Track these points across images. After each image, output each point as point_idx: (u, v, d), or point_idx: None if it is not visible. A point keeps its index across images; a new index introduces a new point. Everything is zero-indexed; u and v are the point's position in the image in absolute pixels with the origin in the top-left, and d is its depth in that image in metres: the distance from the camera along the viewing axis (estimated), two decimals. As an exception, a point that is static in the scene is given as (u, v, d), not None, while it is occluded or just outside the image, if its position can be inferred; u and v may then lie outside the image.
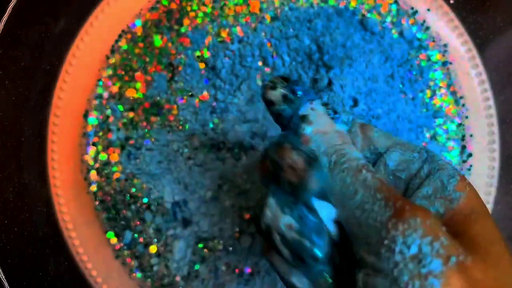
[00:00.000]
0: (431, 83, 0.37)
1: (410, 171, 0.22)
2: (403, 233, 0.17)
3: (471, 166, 0.37)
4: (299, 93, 0.23)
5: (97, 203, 0.35)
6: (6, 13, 0.34)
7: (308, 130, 0.22)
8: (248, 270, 0.34)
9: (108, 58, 0.35)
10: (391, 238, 0.17)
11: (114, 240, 0.35)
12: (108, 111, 0.35)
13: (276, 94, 0.23)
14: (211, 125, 0.34)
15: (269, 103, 0.23)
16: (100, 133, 0.35)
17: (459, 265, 0.17)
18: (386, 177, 0.23)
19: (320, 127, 0.22)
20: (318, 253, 0.21)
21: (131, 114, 0.35)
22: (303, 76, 0.34)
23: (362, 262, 0.19)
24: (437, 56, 0.37)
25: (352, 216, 0.20)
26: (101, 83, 0.35)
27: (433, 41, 0.37)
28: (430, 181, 0.21)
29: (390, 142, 0.24)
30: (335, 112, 0.24)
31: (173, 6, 0.35)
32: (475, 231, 0.19)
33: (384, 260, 0.17)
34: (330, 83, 0.34)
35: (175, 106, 0.35)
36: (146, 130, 0.35)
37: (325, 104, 0.24)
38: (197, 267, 0.34)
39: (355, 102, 0.34)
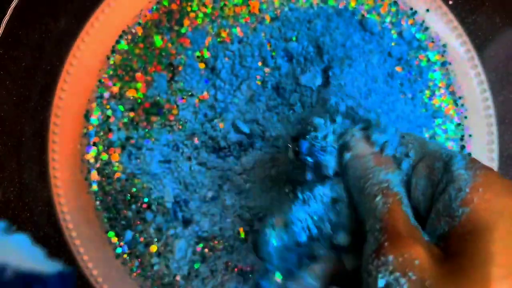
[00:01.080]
0: (430, 83, 0.37)
1: (433, 186, 0.22)
2: (376, 268, 0.19)
3: (470, 166, 0.37)
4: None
5: (97, 203, 0.35)
6: (7, 14, 0.34)
7: (347, 157, 0.24)
8: (248, 269, 0.34)
9: (108, 58, 0.35)
10: (369, 270, 0.19)
11: (114, 239, 0.35)
12: (109, 111, 0.35)
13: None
14: (211, 125, 0.35)
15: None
16: (101, 133, 0.35)
17: None
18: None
19: (357, 151, 0.24)
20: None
21: (131, 114, 0.35)
22: (302, 76, 0.34)
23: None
24: (436, 57, 0.37)
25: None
26: (101, 83, 0.35)
27: (432, 41, 0.37)
28: (442, 197, 0.21)
29: (422, 151, 0.23)
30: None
31: (174, 6, 0.36)
32: (471, 251, 0.18)
33: (364, 284, 0.20)
34: (328, 82, 0.34)
35: (175, 106, 0.35)
36: (147, 130, 0.35)
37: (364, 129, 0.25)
38: (197, 266, 0.34)
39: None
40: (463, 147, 0.37)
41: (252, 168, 0.34)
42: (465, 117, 0.37)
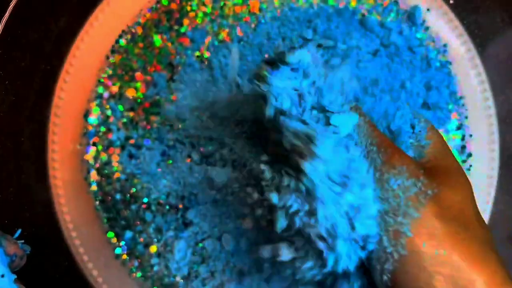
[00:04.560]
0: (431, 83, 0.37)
1: None
2: (394, 176, 0.23)
3: (470, 166, 0.37)
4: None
5: (97, 203, 0.35)
6: (6, 13, 0.34)
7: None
8: (247, 270, 0.34)
9: (108, 58, 0.35)
10: (386, 179, 0.24)
11: (114, 240, 0.35)
12: (108, 111, 0.35)
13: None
14: (211, 125, 0.35)
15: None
16: (100, 133, 0.35)
17: (434, 196, 0.23)
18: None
19: None
20: None
21: (131, 114, 0.35)
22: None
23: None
24: (436, 56, 0.37)
25: None
26: (101, 83, 0.35)
27: (433, 41, 0.37)
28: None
29: None
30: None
31: (173, 6, 0.35)
32: (444, 166, 0.26)
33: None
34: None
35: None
36: (146, 129, 0.35)
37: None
38: (197, 267, 0.34)
39: (357, 100, 0.34)
40: (463, 147, 0.37)
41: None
42: (466, 117, 0.37)
